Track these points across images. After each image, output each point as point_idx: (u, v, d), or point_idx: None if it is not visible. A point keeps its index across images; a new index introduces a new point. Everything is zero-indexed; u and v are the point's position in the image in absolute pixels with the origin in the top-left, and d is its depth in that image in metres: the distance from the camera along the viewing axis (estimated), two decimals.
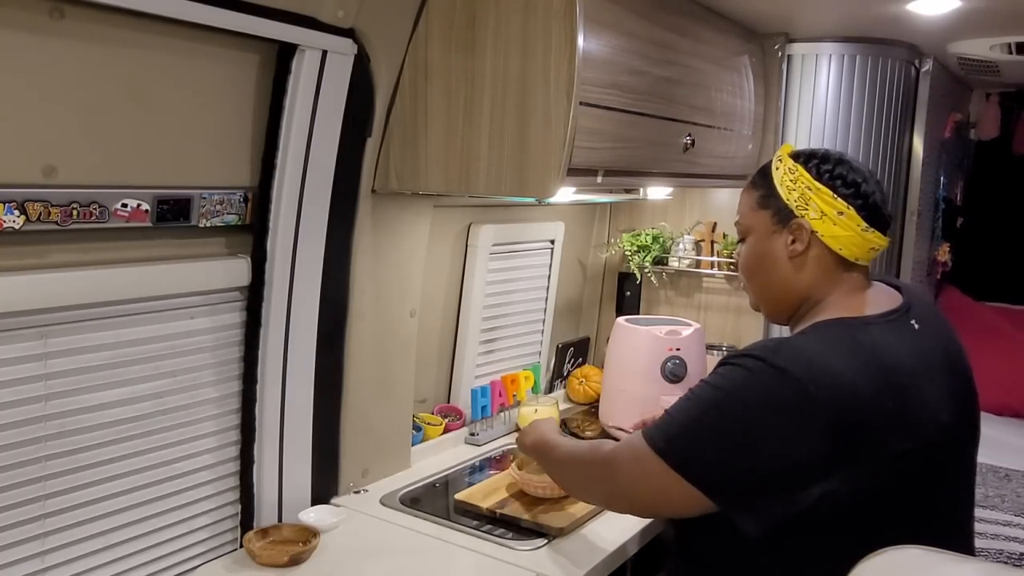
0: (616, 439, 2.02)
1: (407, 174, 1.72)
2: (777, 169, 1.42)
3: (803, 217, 1.37)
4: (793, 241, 1.39)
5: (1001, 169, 3.49)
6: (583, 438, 2.30)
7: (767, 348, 1.28)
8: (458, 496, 1.83)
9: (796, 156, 1.41)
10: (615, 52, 1.67)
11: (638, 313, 2.73)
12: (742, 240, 1.49)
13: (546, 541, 1.65)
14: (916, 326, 1.35)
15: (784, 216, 1.39)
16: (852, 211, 1.35)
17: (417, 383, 2.04)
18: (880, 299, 1.39)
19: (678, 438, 1.29)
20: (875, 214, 1.36)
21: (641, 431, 1.35)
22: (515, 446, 2.21)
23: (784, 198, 1.39)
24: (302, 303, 1.65)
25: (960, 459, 1.35)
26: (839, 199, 1.35)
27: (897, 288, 1.45)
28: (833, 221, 1.35)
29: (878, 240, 1.37)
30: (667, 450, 1.28)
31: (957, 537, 1.34)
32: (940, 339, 1.38)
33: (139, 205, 1.37)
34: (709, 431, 1.27)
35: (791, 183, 1.39)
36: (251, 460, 1.63)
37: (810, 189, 1.36)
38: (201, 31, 1.37)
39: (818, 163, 1.38)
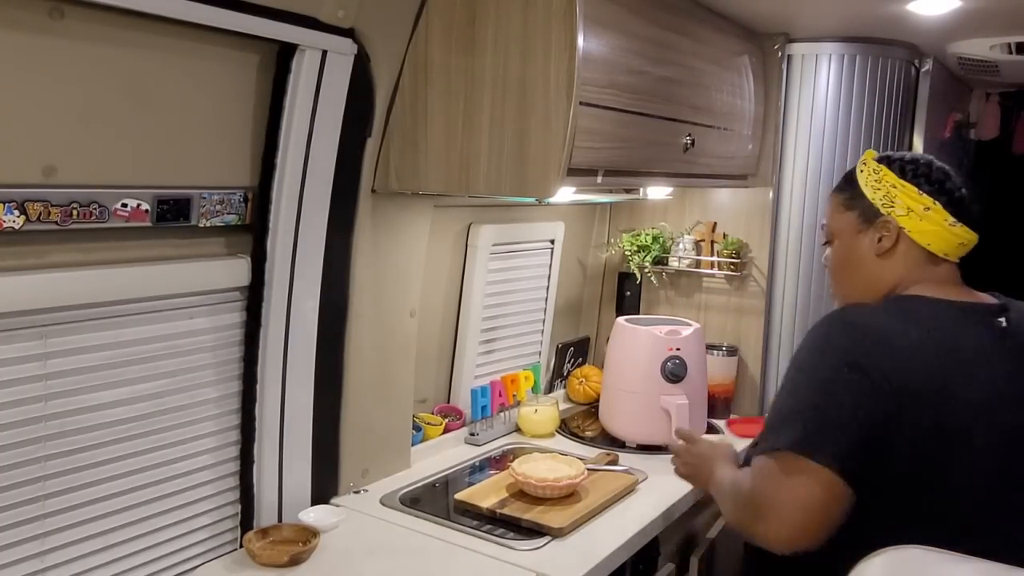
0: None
1: (407, 174, 1.72)
2: (862, 172, 1.45)
3: (889, 214, 1.40)
4: (880, 239, 1.41)
5: (1001, 169, 3.49)
6: (583, 438, 2.31)
7: (828, 314, 1.37)
8: (458, 496, 1.83)
9: (881, 159, 1.45)
10: (615, 52, 1.67)
11: (638, 313, 2.73)
12: (828, 243, 1.53)
13: (546, 541, 1.65)
14: (1004, 323, 1.38)
15: (870, 215, 1.42)
16: (938, 206, 1.37)
17: (417, 383, 2.04)
18: (973, 293, 1.43)
19: (778, 422, 1.31)
20: (961, 208, 1.38)
21: (754, 449, 1.36)
22: (517, 446, 2.22)
23: (869, 197, 1.42)
24: (302, 303, 1.65)
25: (995, 450, 1.32)
26: (924, 195, 1.38)
27: (996, 296, 1.47)
28: (920, 217, 1.38)
29: (967, 235, 1.40)
30: (777, 440, 1.29)
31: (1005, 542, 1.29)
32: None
33: (139, 205, 1.37)
34: (796, 399, 1.31)
35: (875, 182, 1.42)
36: (251, 460, 1.63)
37: (895, 187, 1.40)
38: (201, 31, 1.37)
39: (902, 162, 1.42)
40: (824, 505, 1.25)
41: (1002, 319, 1.39)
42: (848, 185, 1.48)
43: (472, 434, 2.23)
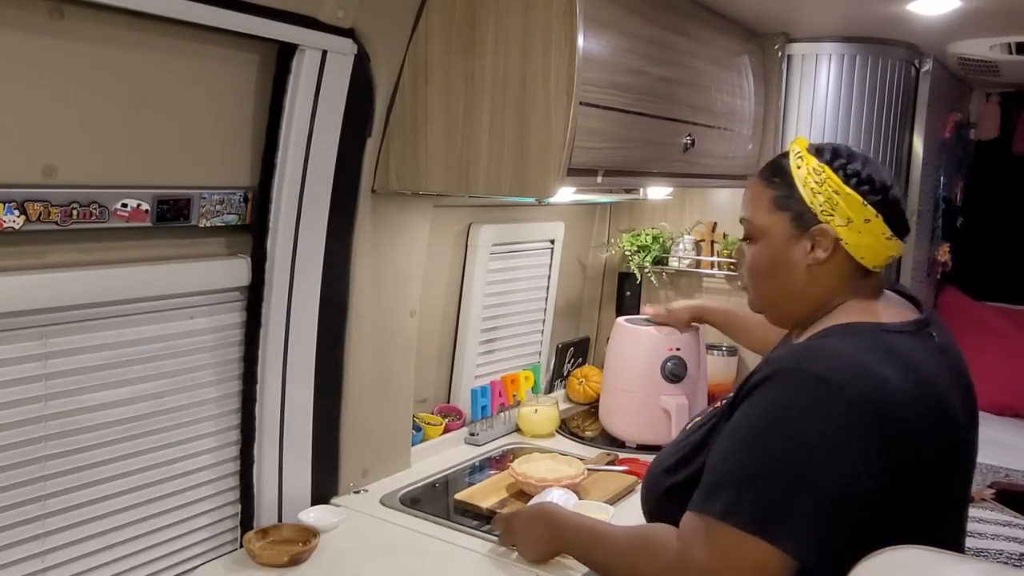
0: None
1: (407, 174, 1.72)
2: (799, 168, 1.30)
3: (828, 223, 1.26)
4: (813, 248, 1.28)
5: (1001, 169, 3.48)
6: (583, 438, 2.31)
7: (796, 359, 1.19)
8: (458, 496, 1.83)
9: (819, 153, 1.30)
10: (615, 52, 1.67)
11: (638, 313, 2.73)
12: (748, 239, 1.37)
13: None
14: (936, 338, 1.28)
15: (805, 221, 1.28)
16: (880, 219, 1.26)
17: (417, 383, 2.04)
18: (893, 307, 1.32)
19: (734, 492, 1.15)
20: (900, 222, 1.29)
21: (690, 506, 1.20)
22: (517, 446, 2.21)
23: (808, 201, 1.28)
24: (302, 303, 1.65)
25: (969, 468, 1.30)
26: (868, 206, 1.25)
27: (909, 297, 1.38)
28: (859, 229, 1.26)
29: (897, 249, 1.30)
30: (730, 511, 1.14)
31: (955, 538, 1.30)
32: (953, 350, 1.31)
33: (139, 205, 1.37)
34: (761, 471, 1.14)
35: (816, 185, 1.27)
36: (251, 460, 1.63)
37: (838, 193, 1.26)
38: (201, 31, 1.37)
39: (845, 163, 1.28)
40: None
41: (934, 334, 1.28)
42: (781, 180, 1.31)
43: (472, 434, 2.23)
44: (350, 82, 1.61)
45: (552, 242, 2.52)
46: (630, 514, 1.80)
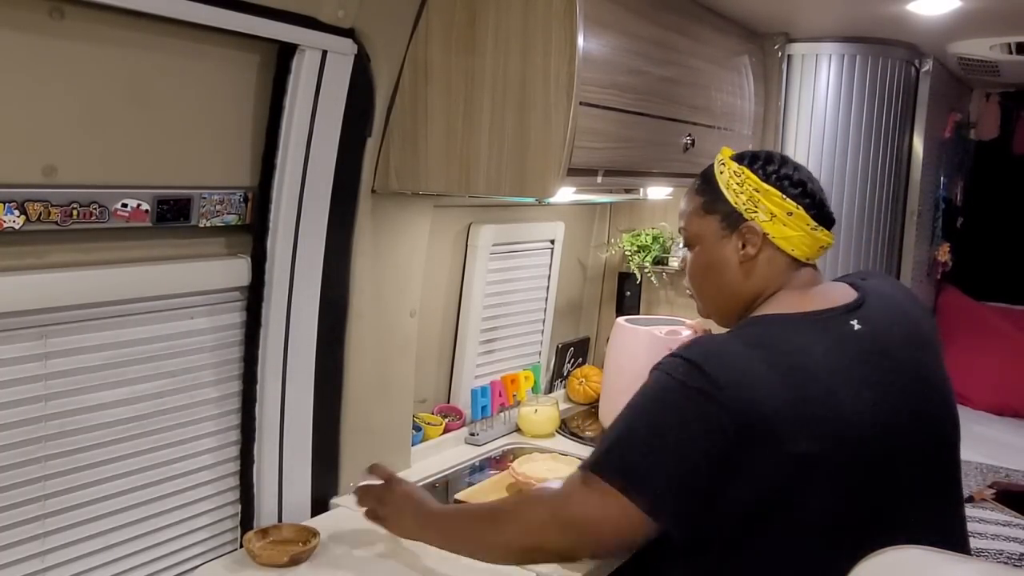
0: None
1: (407, 174, 1.72)
2: (721, 173, 1.40)
3: (753, 220, 1.35)
4: (744, 245, 1.37)
5: (1001, 169, 3.49)
6: (583, 438, 2.31)
7: (687, 345, 1.29)
8: (458, 496, 1.83)
9: (740, 159, 1.40)
10: (615, 52, 1.67)
11: (638, 313, 2.73)
12: (688, 247, 1.47)
13: None
14: (857, 325, 1.30)
15: (733, 220, 1.37)
16: (801, 210, 1.34)
17: (417, 383, 2.04)
18: (829, 296, 1.35)
19: (607, 449, 1.28)
20: (822, 212, 1.36)
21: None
22: (517, 446, 2.22)
23: (732, 202, 1.37)
24: (302, 303, 1.65)
25: (904, 462, 1.26)
26: (788, 199, 1.34)
27: (857, 287, 1.39)
28: (783, 222, 1.34)
29: (826, 238, 1.37)
30: (599, 464, 1.26)
31: (938, 540, 1.21)
32: (889, 339, 1.31)
33: (139, 205, 1.37)
34: (628, 435, 1.26)
35: (738, 186, 1.36)
36: (251, 460, 1.63)
37: (758, 191, 1.35)
38: (201, 31, 1.37)
39: (763, 164, 1.37)
40: (623, 533, 1.25)
41: (853, 321, 1.30)
42: (707, 187, 1.42)
43: (472, 434, 2.23)
44: (350, 82, 1.61)
45: (552, 242, 2.51)
46: None
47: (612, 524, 1.24)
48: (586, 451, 2.16)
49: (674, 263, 2.65)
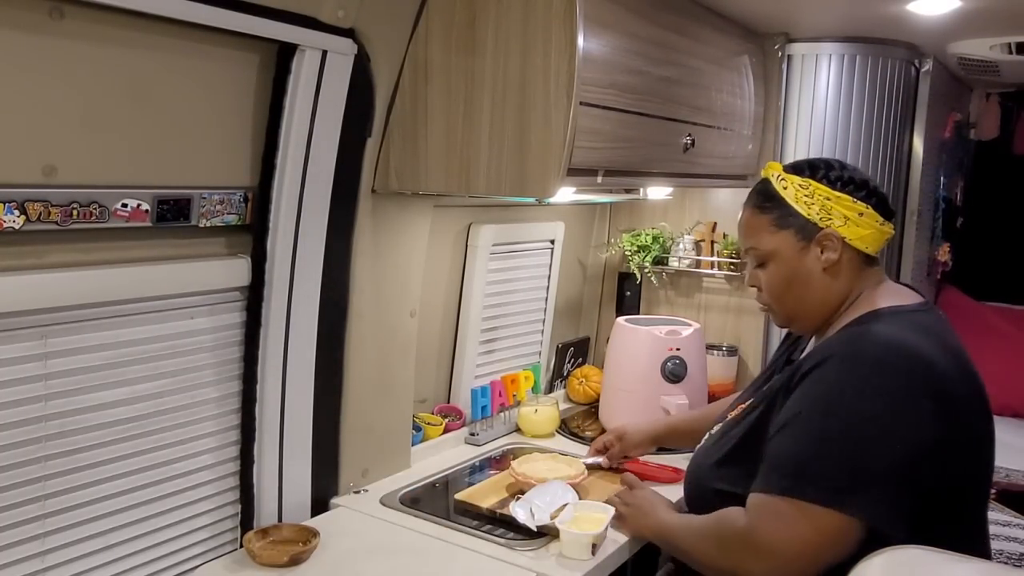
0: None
1: (407, 174, 1.72)
2: (785, 188, 1.45)
3: (829, 227, 1.42)
4: (823, 252, 1.43)
5: (1001, 169, 3.49)
6: (583, 438, 2.31)
7: (846, 344, 1.31)
8: (458, 496, 1.83)
9: (798, 171, 1.46)
10: (615, 52, 1.67)
11: (638, 313, 2.73)
12: (760, 265, 1.50)
13: (546, 541, 1.64)
14: (944, 316, 1.43)
15: (808, 231, 1.43)
16: (870, 209, 1.42)
17: (417, 383, 2.04)
18: (902, 292, 1.46)
19: (802, 468, 1.26)
20: (886, 207, 1.45)
21: (753, 488, 1.31)
22: (517, 446, 2.21)
23: (805, 214, 1.43)
24: (302, 303, 1.65)
25: (991, 449, 1.40)
26: (857, 201, 1.42)
27: (906, 286, 1.51)
28: (856, 223, 1.42)
29: (890, 230, 1.46)
30: (796, 486, 1.25)
31: (982, 528, 1.41)
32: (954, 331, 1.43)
33: (139, 205, 1.37)
34: (829, 447, 1.25)
35: (807, 197, 1.43)
36: (251, 460, 1.63)
37: (829, 199, 1.42)
38: (201, 31, 1.37)
39: (825, 172, 1.44)
40: (843, 545, 1.23)
41: (942, 313, 1.45)
42: (772, 203, 1.47)
43: (472, 434, 2.23)
44: (350, 82, 1.61)
45: (552, 242, 2.51)
46: None
47: (836, 541, 1.23)
48: (586, 451, 2.17)
49: (674, 263, 2.65)
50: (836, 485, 1.23)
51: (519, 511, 1.66)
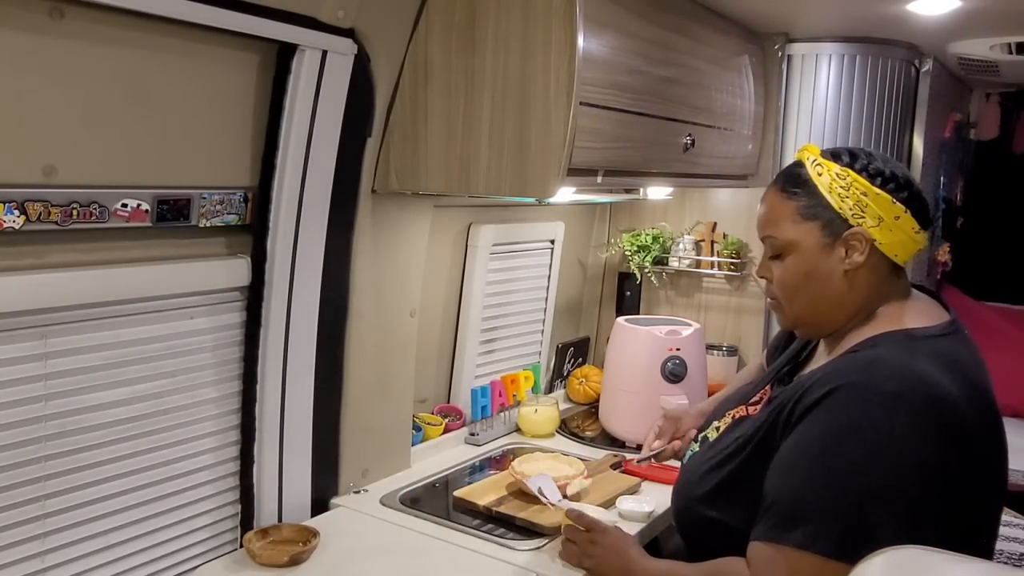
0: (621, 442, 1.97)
1: (407, 174, 1.72)
2: (820, 175, 1.27)
3: (860, 226, 1.25)
4: (848, 253, 1.26)
5: (1001, 169, 3.49)
6: (583, 438, 2.31)
7: (860, 373, 1.17)
8: (457, 493, 1.83)
9: (836, 158, 1.28)
10: (615, 52, 1.67)
11: (638, 313, 2.73)
12: (776, 256, 1.34)
13: (547, 541, 1.64)
14: (968, 337, 1.29)
15: (836, 227, 1.26)
16: (908, 214, 1.25)
17: (417, 383, 2.04)
18: (929, 309, 1.31)
19: (811, 517, 1.12)
20: (926, 215, 1.28)
21: (757, 535, 1.18)
22: (517, 446, 2.21)
23: (836, 207, 1.26)
24: (302, 303, 1.65)
25: (1005, 465, 1.28)
26: (897, 203, 1.24)
27: (930, 294, 1.37)
28: (890, 227, 1.25)
29: (923, 241, 1.29)
30: (813, 539, 1.11)
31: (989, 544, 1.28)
32: (978, 349, 1.31)
33: (139, 205, 1.37)
34: (848, 493, 1.11)
35: (843, 189, 1.25)
36: (251, 460, 1.63)
37: (866, 195, 1.24)
38: (201, 31, 1.37)
39: (867, 163, 1.26)
40: None
41: (966, 332, 1.30)
42: (802, 190, 1.29)
43: (472, 434, 2.23)
44: (350, 82, 1.61)
45: (552, 242, 2.51)
46: (631, 515, 1.80)
47: None
48: (586, 451, 2.17)
49: (674, 263, 2.65)
50: (851, 538, 1.09)
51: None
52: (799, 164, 1.32)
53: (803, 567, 1.12)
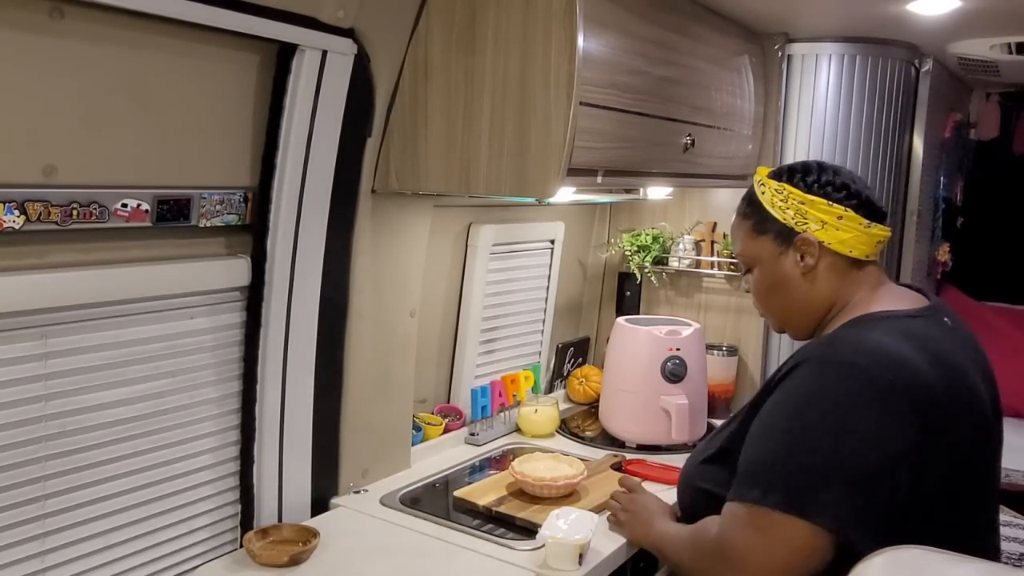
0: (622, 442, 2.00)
1: (407, 174, 1.72)
2: (763, 193, 1.44)
3: (805, 231, 1.39)
4: (802, 257, 1.41)
5: (1001, 169, 3.49)
6: (583, 438, 2.31)
7: (823, 347, 1.29)
8: (457, 493, 1.83)
9: (777, 175, 1.44)
10: (615, 52, 1.67)
11: (638, 313, 2.73)
12: (748, 271, 1.50)
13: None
14: (949, 323, 1.37)
15: (785, 236, 1.42)
16: (850, 212, 1.38)
17: (417, 383, 2.04)
18: (904, 296, 1.41)
19: (765, 476, 1.23)
20: (872, 208, 1.40)
21: (728, 497, 1.29)
22: (517, 446, 2.21)
23: (780, 218, 1.41)
24: (302, 303, 1.65)
25: (993, 457, 1.37)
26: (834, 204, 1.38)
27: (916, 290, 1.46)
28: (835, 227, 1.38)
29: (882, 232, 1.40)
30: (762, 494, 1.22)
31: (987, 535, 1.37)
32: (968, 340, 1.39)
33: (139, 205, 1.37)
34: (790, 453, 1.22)
35: (782, 202, 1.41)
36: (251, 460, 1.63)
37: (803, 203, 1.39)
38: (201, 31, 1.37)
39: (802, 176, 1.41)
40: (814, 555, 1.19)
41: (946, 319, 1.38)
42: (753, 209, 1.46)
43: (472, 434, 2.23)
44: (350, 82, 1.61)
45: (552, 242, 2.51)
46: None
47: (806, 551, 1.19)
48: (586, 451, 2.17)
49: (674, 263, 2.65)
50: (797, 493, 1.19)
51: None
52: (751, 187, 1.50)
53: (758, 519, 1.23)
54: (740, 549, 1.24)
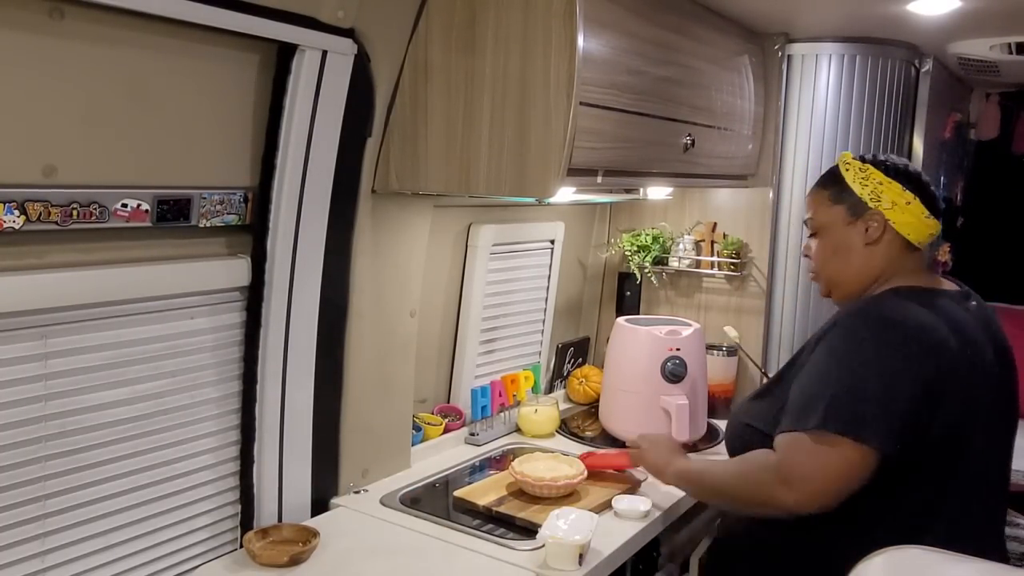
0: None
1: (407, 174, 1.72)
2: (847, 170, 1.62)
3: (876, 208, 1.57)
4: (868, 229, 1.58)
5: (1001, 169, 3.49)
6: (583, 438, 2.31)
7: (858, 310, 1.51)
8: (457, 493, 1.83)
9: (862, 159, 1.63)
10: (615, 52, 1.67)
11: (638, 313, 2.73)
12: (813, 235, 1.68)
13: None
14: (974, 305, 1.57)
15: (859, 208, 1.59)
16: (917, 201, 1.56)
17: (417, 383, 2.04)
18: (939, 281, 1.61)
19: (821, 407, 1.41)
20: (933, 203, 1.59)
21: (780, 430, 1.47)
22: (517, 446, 2.22)
23: (858, 193, 1.59)
24: (302, 303, 1.65)
25: (999, 442, 1.53)
26: (906, 190, 1.56)
27: (952, 280, 1.64)
28: (903, 210, 1.56)
29: (935, 226, 1.59)
30: (826, 421, 1.39)
31: (992, 522, 1.55)
32: (991, 329, 1.56)
33: (139, 205, 1.37)
34: (853, 387, 1.41)
35: (863, 180, 1.59)
36: (251, 460, 1.63)
37: (881, 184, 1.57)
38: (201, 31, 1.37)
39: (884, 161, 1.60)
40: (862, 472, 1.39)
41: (973, 303, 1.58)
42: (833, 182, 1.64)
43: (472, 434, 2.23)
44: (350, 82, 1.61)
45: (552, 242, 2.51)
46: (630, 515, 1.80)
47: (857, 469, 1.39)
48: (586, 451, 2.16)
49: (674, 263, 2.65)
50: (854, 419, 1.38)
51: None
52: (835, 165, 1.67)
53: (815, 444, 1.41)
54: (801, 469, 1.41)
